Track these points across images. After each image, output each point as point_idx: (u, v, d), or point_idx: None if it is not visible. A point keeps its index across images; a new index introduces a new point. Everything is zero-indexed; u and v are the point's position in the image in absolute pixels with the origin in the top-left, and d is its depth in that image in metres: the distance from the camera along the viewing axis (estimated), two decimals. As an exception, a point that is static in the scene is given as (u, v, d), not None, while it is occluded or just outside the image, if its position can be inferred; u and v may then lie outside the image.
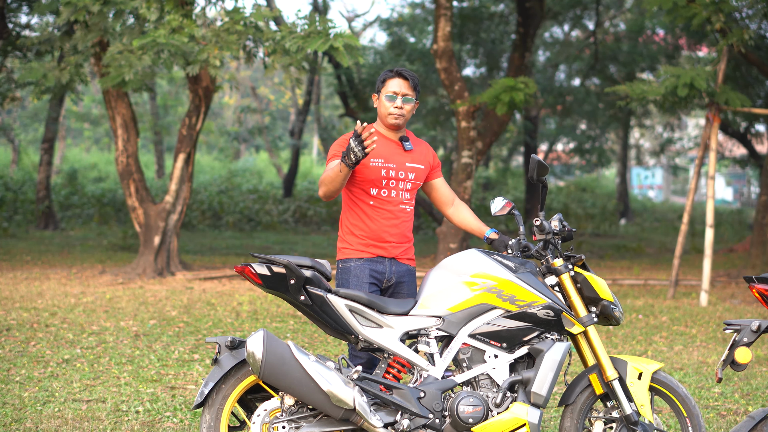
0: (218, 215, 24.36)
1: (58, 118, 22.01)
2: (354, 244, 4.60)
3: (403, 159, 4.64)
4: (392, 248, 4.62)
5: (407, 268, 4.68)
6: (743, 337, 4.01)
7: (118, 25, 11.64)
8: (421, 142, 4.80)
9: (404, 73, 4.61)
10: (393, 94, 4.60)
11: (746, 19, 12.64)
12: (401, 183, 4.62)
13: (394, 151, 4.64)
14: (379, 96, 4.64)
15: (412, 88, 4.62)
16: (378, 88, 4.66)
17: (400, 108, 4.59)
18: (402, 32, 23.97)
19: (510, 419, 4.19)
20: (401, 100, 4.60)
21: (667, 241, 21.77)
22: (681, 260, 11.72)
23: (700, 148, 11.49)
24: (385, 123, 4.64)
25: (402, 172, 4.63)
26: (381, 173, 4.58)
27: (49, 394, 6.10)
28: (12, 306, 9.63)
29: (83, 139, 40.95)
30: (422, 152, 4.74)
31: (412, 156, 4.68)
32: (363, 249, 4.58)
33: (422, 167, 4.71)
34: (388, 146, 4.64)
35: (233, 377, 4.24)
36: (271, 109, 36.26)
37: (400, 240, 4.64)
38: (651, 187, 48.98)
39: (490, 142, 14.70)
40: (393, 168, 4.60)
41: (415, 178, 4.67)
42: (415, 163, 4.68)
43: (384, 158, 4.59)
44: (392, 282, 4.62)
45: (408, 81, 4.61)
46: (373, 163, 4.56)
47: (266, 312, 9.75)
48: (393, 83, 4.60)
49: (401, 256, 4.65)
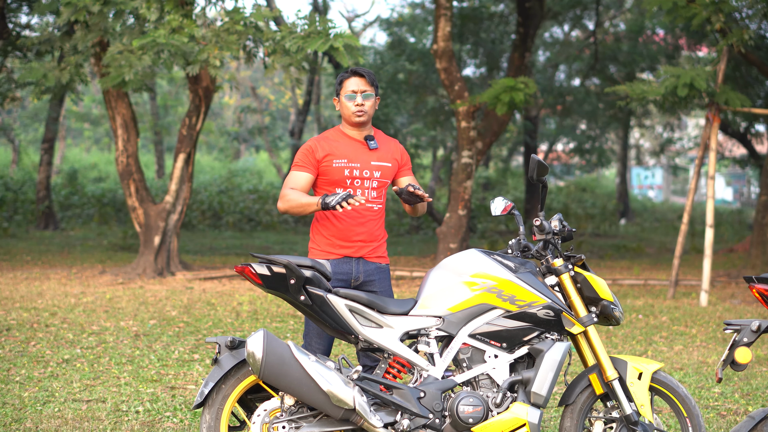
0: (218, 215, 24.36)
1: (58, 118, 22.01)
2: (322, 244, 4.65)
3: (367, 158, 4.67)
4: (360, 248, 4.65)
5: (377, 266, 4.69)
6: (743, 337, 4.01)
7: (118, 25, 11.64)
8: (390, 140, 4.83)
9: (360, 70, 4.66)
10: (352, 93, 4.64)
11: (746, 19, 12.63)
12: (366, 182, 4.66)
13: (359, 150, 4.67)
14: (339, 98, 4.68)
15: (370, 84, 4.67)
16: (337, 90, 4.70)
17: (361, 105, 4.63)
18: (402, 32, 23.97)
19: (510, 419, 4.19)
20: (361, 97, 4.64)
21: (667, 241, 21.78)
22: (681, 260, 11.72)
23: (700, 148, 11.48)
24: (350, 123, 4.68)
25: (367, 170, 4.66)
26: (345, 173, 4.62)
27: (49, 394, 6.10)
28: (12, 306, 9.63)
29: (83, 139, 40.97)
30: (389, 150, 4.77)
31: (378, 154, 4.71)
32: (330, 250, 4.63)
33: (389, 165, 4.73)
34: (352, 146, 4.68)
35: (233, 377, 4.24)
36: (271, 109, 36.25)
37: (368, 239, 4.68)
38: (651, 187, 48.99)
39: (490, 142, 14.70)
40: (357, 167, 4.64)
41: (381, 176, 4.70)
42: (381, 162, 4.71)
43: (348, 158, 4.64)
44: (360, 281, 4.64)
45: (365, 78, 4.66)
46: (336, 164, 4.62)
47: (266, 312, 9.75)
48: (350, 83, 4.65)
49: (370, 254, 4.68)
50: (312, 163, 4.61)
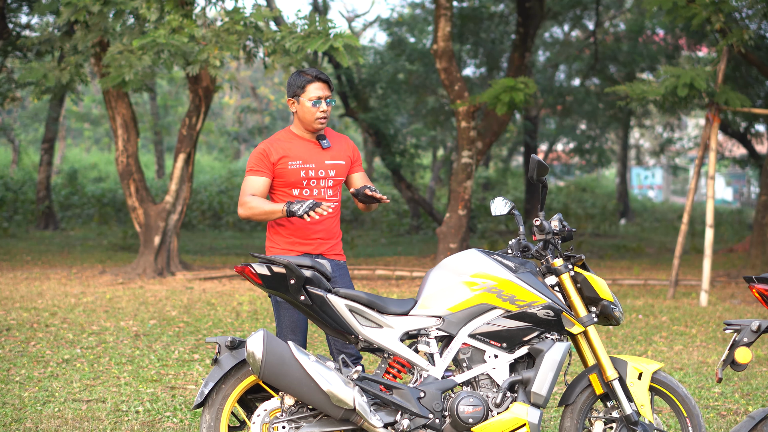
0: (218, 215, 24.36)
1: (58, 118, 22.01)
2: (281, 243, 4.67)
3: (321, 157, 4.70)
4: (319, 245, 4.69)
5: (335, 263, 4.73)
6: (743, 337, 4.01)
7: (118, 25, 11.63)
8: (341, 137, 4.85)
9: (322, 76, 4.66)
10: (317, 99, 4.63)
11: (746, 19, 12.64)
12: (322, 181, 4.69)
13: (312, 151, 4.69)
14: (299, 100, 4.65)
15: (330, 89, 4.69)
16: (295, 92, 4.66)
17: (325, 111, 4.65)
18: (402, 32, 23.97)
19: (510, 419, 4.19)
20: (325, 103, 4.66)
21: (667, 241, 21.77)
22: (681, 260, 11.72)
23: (700, 148, 11.48)
24: (311, 128, 4.68)
25: (322, 170, 4.69)
26: (301, 174, 4.65)
27: (49, 394, 6.10)
28: (12, 306, 9.63)
29: (83, 139, 40.97)
30: (342, 148, 4.80)
31: (331, 153, 4.74)
32: (289, 248, 4.66)
33: (343, 163, 4.77)
34: (306, 146, 4.70)
35: (233, 377, 4.24)
36: (271, 109, 36.26)
37: (327, 236, 4.72)
38: (651, 187, 48.99)
39: (490, 142, 14.71)
40: (312, 168, 4.66)
41: (336, 175, 4.73)
42: (334, 160, 4.73)
43: (302, 159, 4.65)
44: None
45: (327, 83, 4.67)
46: (291, 166, 4.63)
47: (266, 312, 9.75)
48: (315, 88, 4.64)
49: (328, 252, 4.73)
50: (267, 167, 4.62)
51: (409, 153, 21.86)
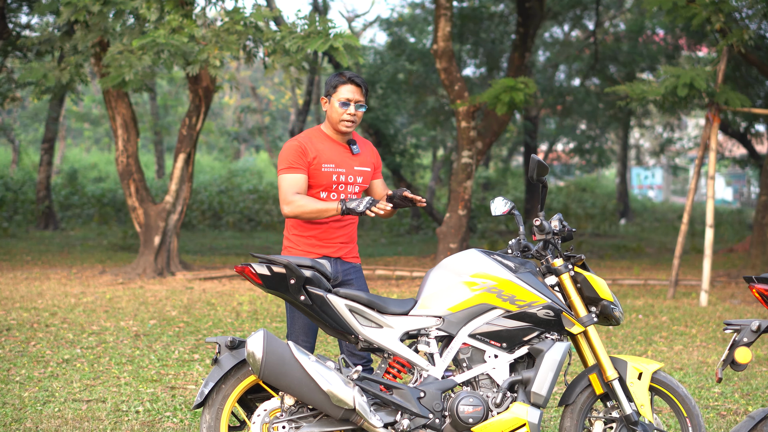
0: (218, 215, 24.36)
1: (58, 118, 22.01)
2: (300, 243, 4.65)
3: (352, 163, 4.70)
4: (339, 248, 4.69)
5: (352, 266, 4.73)
6: (743, 337, 4.01)
7: (118, 25, 11.64)
8: (366, 143, 4.85)
9: (356, 79, 4.64)
10: (346, 101, 4.62)
11: (746, 19, 12.63)
12: (350, 187, 4.69)
13: (343, 155, 4.69)
14: (330, 100, 4.65)
15: (364, 94, 4.67)
16: (328, 92, 4.66)
17: (353, 115, 4.64)
18: (402, 32, 23.97)
19: (510, 419, 4.19)
20: (354, 107, 4.64)
21: (667, 241, 21.77)
22: (681, 260, 11.72)
23: (700, 148, 11.48)
24: (336, 128, 4.67)
25: (351, 176, 4.69)
26: (332, 178, 4.63)
27: (49, 394, 6.10)
28: (12, 306, 9.63)
29: (83, 139, 40.98)
30: (368, 154, 4.81)
31: (360, 159, 4.74)
32: (309, 249, 4.64)
33: (369, 170, 4.78)
34: (337, 150, 4.68)
35: (233, 377, 4.24)
36: (271, 109, 36.27)
37: (347, 240, 4.72)
38: (651, 187, 48.99)
39: (490, 142, 14.70)
40: (343, 173, 4.66)
41: (363, 181, 4.75)
42: (362, 167, 4.74)
43: (335, 163, 4.64)
44: (338, 280, 4.66)
45: (360, 88, 4.66)
46: (325, 168, 4.61)
47: (266, 312, 9.75)
48: (345, 89, 4.63)
49: (347, 255, 4.73)
50: (305, 164, 4.60)
51: (409, 153, 21.87)
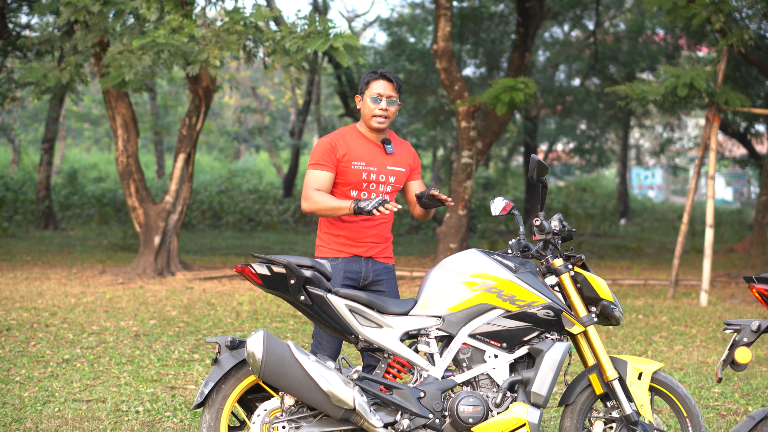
0: (218, 215, 24.36)
1: (58, 118, 22.01)
2: (331, 243, 4.64)
3: (384, 162, 4.67)
4: (370, 248, 4.67)
5: (384, 266, 4.71)
6: (743, 337, 4.01)
7: (118, 25, 11.63)
8: (403, 143, 4.82)
9: (388, 75, 4.64)
10: (378, 96, 4.61)
11: (746, 19, 12.63)
12: (381, 186, 4.65)
13: (376, 154, 4.66)
14: (363, 97, 4.65)
15: (396, 89, 4.65)
16: (361, 89, 4.67)
17: (384, 110, 4.61)
18: (402, 32, 23.97)
19: (510, 419, 4.19)
20: (386, 102, 4.62)
21: (667, 241, 21.77)
22: (681, 260, 11.72)
23: (700, 148, 11.48)
24: (369, 125, 4.66)
25: (383, 175, 4.66)
26: (362, 176, 4.61)
27: (49, 394, 6.10)
28: (12, 306, 9.63)
29: (83, 139, 40.98)
30: (404, 155, 4.77)
31: (394, 159, 4.71)
32: (339, 249, 4.62)
33: (403, 170, 4.74)
34: (370, 149, 4.66)
35: (233, 377, 4.24)
36: (271, 109, 36.26)
37: (378, 240, 4.69)
38: (651, 187, 48.99)
39: (490, 142, 14.70)
40: (374, 171, 4.63)
41: (396, 182, 4.71)
42: (396, 167, 4.70)
43: (366, 161, 4.62)
44: (369, 280, 4.65)
45: (392, 83, 4.64)
46: (354, 166, 4.59)
47: (266, 312, 9.76)
48: (377, 85, 4.62)
49: (379, 255, 4.70)
50: (333, 161, 4.58)
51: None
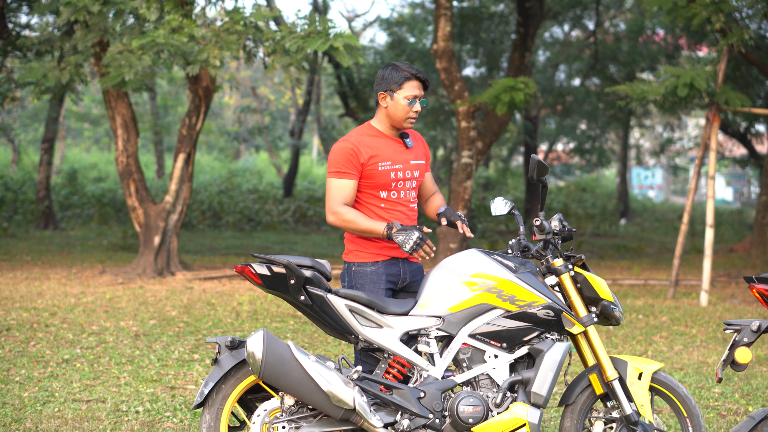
0: (218, 215, 24.35)
1: (58, 118, 22.01)
2: (368, 247, 4.47)
3: (407, 157, 4.56)
4: None
5: (417, 266, 4.60)
6: (743, 337, 4.01)
7: (118, 25, 11.63)
8: (414, 134, 4.70)
9: (420, 75, 4.47)
10: (413, 98, 4.46)
11: (746, 19, 12.63)
12: (408, 182, 4.55)
13: (398, 151, 4.55)
14: (393, 96, 4.46)
15: (425, 89, 4.53)
16: (390, 87, 4.46)
17: (417, 112, 4.50)
18: (402, 32, 23.97)
19: (510, 419, 4.19)
20: (419, 104, 4.49)
21: (667, 241, 21.77)
22: (681, 260, 11.71)
23: (700, 148, 11.48)
24: (399, 125, 4.52)
25: (408, 171, 4.55)
26: (391, 176, 4.49)
27: (49, 394, 6.10)
28: (12, 306, 9.63)
29: (83, 139, 40.96)
30: (419, 146, 4.67)
31: (414, 153, 4.60)
32: (377, 252, 4.47)
33: (423, 162, 4.64)
34: (392, 146, 4.54)
35: (233, 377, 4.25)
36: (271, 109, 36.25)
37: None
38: (651, 187, 48.97)
39: (490, 142, 14.69)
40: (400, 169, 4.52)
41: (419, 175, 4.61)
42: (417, 160, 4.60)
43: (391, 160, 4.49)
44: (407, 282, 4.55)
45: (424, 84, 4.51)
46: (382, 167, 4.46)
47: (266, 312, 9.75)
48: (412, 86, 4.46)
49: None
50: (356, 168, 4.41)
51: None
